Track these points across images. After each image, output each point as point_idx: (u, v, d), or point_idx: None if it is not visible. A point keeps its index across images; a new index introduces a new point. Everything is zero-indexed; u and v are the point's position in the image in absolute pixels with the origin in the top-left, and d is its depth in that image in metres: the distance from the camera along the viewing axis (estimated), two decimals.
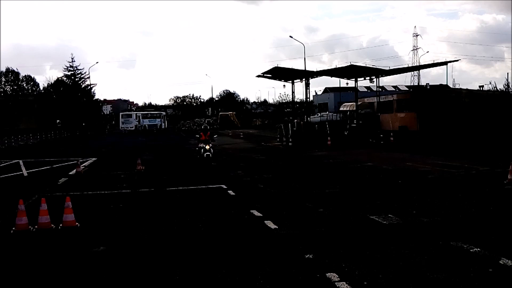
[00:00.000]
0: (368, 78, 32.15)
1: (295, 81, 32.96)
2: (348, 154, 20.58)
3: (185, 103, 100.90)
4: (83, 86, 66.07)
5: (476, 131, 23.67)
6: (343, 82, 35.08)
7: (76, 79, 65.41)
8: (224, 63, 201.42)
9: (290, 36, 40.62)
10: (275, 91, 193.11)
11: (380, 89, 38.70)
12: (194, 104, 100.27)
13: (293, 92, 34.75)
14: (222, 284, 4.90)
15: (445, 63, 34.91)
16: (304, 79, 32.04)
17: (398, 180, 12.14)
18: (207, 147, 17.52)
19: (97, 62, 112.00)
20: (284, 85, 34.60)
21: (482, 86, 44.45)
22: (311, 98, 66.79)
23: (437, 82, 58.44)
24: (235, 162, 18.67)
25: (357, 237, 6.53)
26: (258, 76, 32.38)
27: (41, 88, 70.98)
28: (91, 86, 67.60)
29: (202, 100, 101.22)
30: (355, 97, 35.29)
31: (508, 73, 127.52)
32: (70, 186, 12.57)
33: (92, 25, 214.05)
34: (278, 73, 31.36)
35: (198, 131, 21.70)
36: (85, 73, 65.89)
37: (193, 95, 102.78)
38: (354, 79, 32.72)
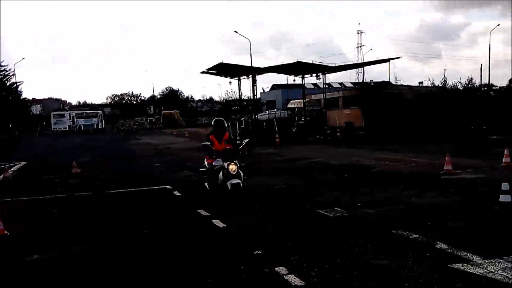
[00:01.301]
0: (315, 75, 33.12)
1: (241, 77, 33.27)
2: (296, 150, 21.12)
3: (124, 101, 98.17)
4: (7, 84, 62.42)
5: (417, 126, 25.11)
6: (290, 79, 35.94)
7: (0, 77, 61.70)
8: (166, 60, 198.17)
9: (235, 31, 40.69)
10: (221, 88, 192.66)
11: (326, 86, 39.91)
12: (134, 102, 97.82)
13: (239, 89, 35.23)
14: (168, 283, 4.98)
15: (388, 60, 36.64)
16: (250, 76, 32.41)
17: (345, 174, 12.70)
18: (233, 167, 8.90)
19: (23, 58, 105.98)
20: (230, 82, 34.84)
21: (422, 82, 47.12)
22: (259, 95, 67.47)
23: (380, 79, 60.99)
24: (181, 162, 18.58)
25: (305, 231, 6.83)
26: (203, 72, 32.29)
27: None
28: (17, 84, 64.07)
29: (143, 98, 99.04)
30: (302, 94, 36.19)
31: (445, 70, 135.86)
32: None
33: (16, 19, 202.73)
34: (223, 70, 31.51)
35: (208, 133, 10.07)
36: (9, 70, 62.30)
37: (132, 92, 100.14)
38: (301, 76, 33.56)
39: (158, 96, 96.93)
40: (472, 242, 5.75)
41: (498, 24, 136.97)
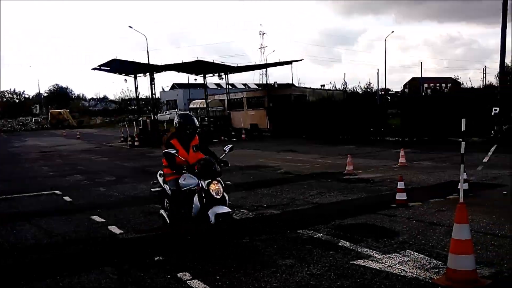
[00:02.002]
0: (217, 74, 33.24)
1: (138, 75, 32.05)
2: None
3: (4, 99, 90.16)
4: None
5: (320, 127, 26.47)
6: (192, 78, 35.65)
7: None
8: (53, 55, 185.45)
9: (130, 27, 39.14)
10: (116, 87, 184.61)
11: (230, 87, 40.34)
12: (17, 100, 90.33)
13: (136, 88, 33.46)
14: None
15: (290, 62, 38.10)
16: (148, 74, 31.40)
17: (250, 176, 12.88)
18: (217, 188, 6.05)
19: None
20: (125, 80, 33.37)
21: (324, 85, 49.74)
22: (158, 95, 66.00)
23: (284, 81, 63.22)
24: (72, 166, 17.51)
25: (209, 235, 6.77)
26: (94, 69, 30.52)
27: None
28: None
29: (27, 96, 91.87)
30: (204, 94, 36.14)
31: (344, 74, 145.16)
32: None
33: None
34: (117, 66, 29.92)
35: (168, 136, 6.70)
36: None
37: (14, 90, 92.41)
38: (202, 75, 33.45)
39: (45, 94, 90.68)
40: (372, 239, 6.15)
41: (392, 31, 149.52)
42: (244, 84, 78.70)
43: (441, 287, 4.47)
